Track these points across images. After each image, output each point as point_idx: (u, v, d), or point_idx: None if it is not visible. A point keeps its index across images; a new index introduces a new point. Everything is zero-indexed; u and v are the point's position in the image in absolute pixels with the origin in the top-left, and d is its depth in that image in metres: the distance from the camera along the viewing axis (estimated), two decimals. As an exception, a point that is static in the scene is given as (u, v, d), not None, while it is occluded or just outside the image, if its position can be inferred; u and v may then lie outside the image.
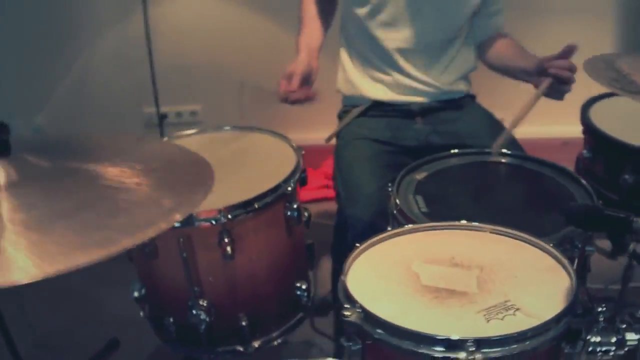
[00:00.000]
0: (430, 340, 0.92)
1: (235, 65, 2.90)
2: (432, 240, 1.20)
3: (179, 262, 1.48)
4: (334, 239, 1.70)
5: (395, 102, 1.80)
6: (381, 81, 1.80)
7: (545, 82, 1.47)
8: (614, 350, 1.03)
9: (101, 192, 1.11)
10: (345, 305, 0.99)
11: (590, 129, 1.61)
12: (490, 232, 1.20)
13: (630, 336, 1.02)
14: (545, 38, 2.41)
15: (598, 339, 1.02)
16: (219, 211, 1.41)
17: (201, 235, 1.46)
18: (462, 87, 1.83)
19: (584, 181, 1.39)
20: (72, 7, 2.85)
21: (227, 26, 2.85)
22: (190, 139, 1.75)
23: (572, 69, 1.48)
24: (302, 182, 1.59)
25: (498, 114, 1.83)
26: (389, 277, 1.08)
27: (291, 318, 1.65)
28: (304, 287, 1.63)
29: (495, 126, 1.76)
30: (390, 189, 1.46)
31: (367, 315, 0.97)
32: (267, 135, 1.73)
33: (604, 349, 1.03)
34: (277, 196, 1.48)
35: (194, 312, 1.51)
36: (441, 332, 0.92)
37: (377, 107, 1.82)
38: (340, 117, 1.93)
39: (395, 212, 1.38)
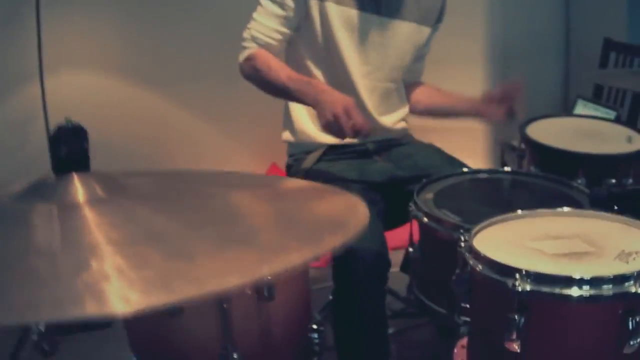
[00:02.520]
0: (604, 280, 1.03)
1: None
2: (520, 226, 1.29)
3: (213, 313, 1.34)
4: (335, 283, 1.67)
5: (352, 143, 1.87)
6: None
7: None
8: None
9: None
10: (516, 276, 1.04)
11: (536, 146, 1.85)
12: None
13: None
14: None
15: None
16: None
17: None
18: (404, 124, 1.99)
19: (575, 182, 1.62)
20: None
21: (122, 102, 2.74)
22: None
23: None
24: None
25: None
26: (519, 254, 1.15)
27: (307, 365, 1.57)
28: (314, 327, 1.57)
29: (443, 155, 1.94)
30: (410, 208, 1.54)
31: (541, 277, 1.03)
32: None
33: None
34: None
35: (227, 369, 1.36)
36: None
37: (334, 151, 1.88)
38: (291, 166, 1.94)
39: (429, 224, 1.46)
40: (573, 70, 2.76)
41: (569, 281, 1.03)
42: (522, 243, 1.19)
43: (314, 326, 1.56)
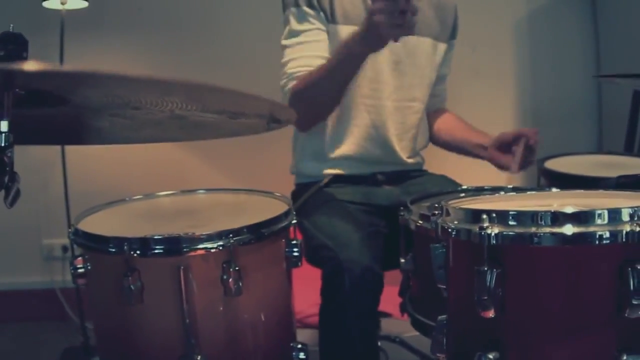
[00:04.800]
0: (595, 214, 0.88)
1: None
2: (505, 201, 1.16)
3: (172, 304, 1.23)
4: (322, 300, 1.53)
5: (360, 174, 1.79)
6: (349, 158, 1.78)
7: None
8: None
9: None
10: (482, 217, 0.90)
11: (557, 176, 1.74)
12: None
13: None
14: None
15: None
16: (225, 234, 1.23)
17: (202, 265, 1.24)
18: (420, 160, 1.90)
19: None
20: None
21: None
22: (173, 198, 1.64)
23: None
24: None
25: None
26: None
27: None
28: (299, 346, 1.40)
29: (456, 184, 1.82)
30: (402, 214, 1.45)
31: (513, 216, 0.89)
32: (244, 193, 1.60)
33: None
34: (282, 227, 1.34)
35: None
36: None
37: (340, 179, 1.79)
38: (296, 195, 1.85)
39: (424, 225, 1.35)
40: (605, 129, 2.63)
41: (548, 217, 0.86)
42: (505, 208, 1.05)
43: (298, 345, 1.41)
